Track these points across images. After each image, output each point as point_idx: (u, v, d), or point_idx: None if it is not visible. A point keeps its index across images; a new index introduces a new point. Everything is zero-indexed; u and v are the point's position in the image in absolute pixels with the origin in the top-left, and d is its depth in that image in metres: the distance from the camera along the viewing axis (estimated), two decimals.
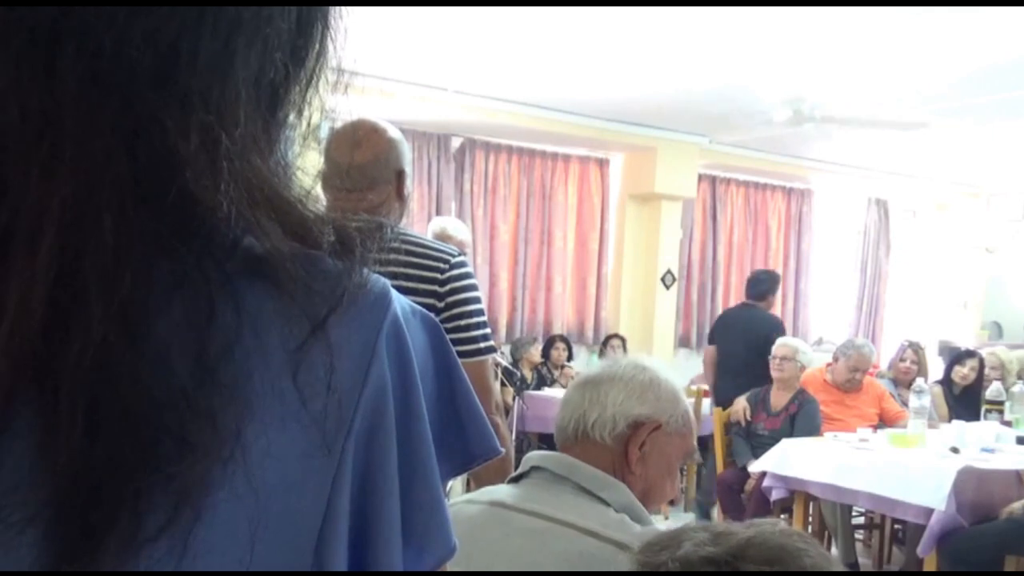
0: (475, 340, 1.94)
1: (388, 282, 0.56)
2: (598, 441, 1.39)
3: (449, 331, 1.88)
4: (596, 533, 1.25)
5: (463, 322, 1.92)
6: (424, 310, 0.60)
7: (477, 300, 1.97)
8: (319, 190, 0.54)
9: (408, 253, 1.90)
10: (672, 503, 6.32)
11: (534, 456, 1.42)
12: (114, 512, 0.44)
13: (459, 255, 1.96)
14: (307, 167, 0.55)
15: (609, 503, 1.33)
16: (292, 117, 0.54)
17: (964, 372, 5.58)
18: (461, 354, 1.89)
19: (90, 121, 0.45)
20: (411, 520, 0.55)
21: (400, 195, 2.01)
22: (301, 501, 0.50)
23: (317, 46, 0.53)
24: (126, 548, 0.45)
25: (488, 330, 2.02)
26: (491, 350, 2.00)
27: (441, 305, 1.91)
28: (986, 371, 5.61)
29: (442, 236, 3.78)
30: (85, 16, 0.45)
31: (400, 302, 0.56)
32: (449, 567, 0.59)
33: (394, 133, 2.02)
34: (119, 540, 0.44)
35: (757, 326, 5.63)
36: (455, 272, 1.93)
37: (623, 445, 1.39)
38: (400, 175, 1.99)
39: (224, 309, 0.48)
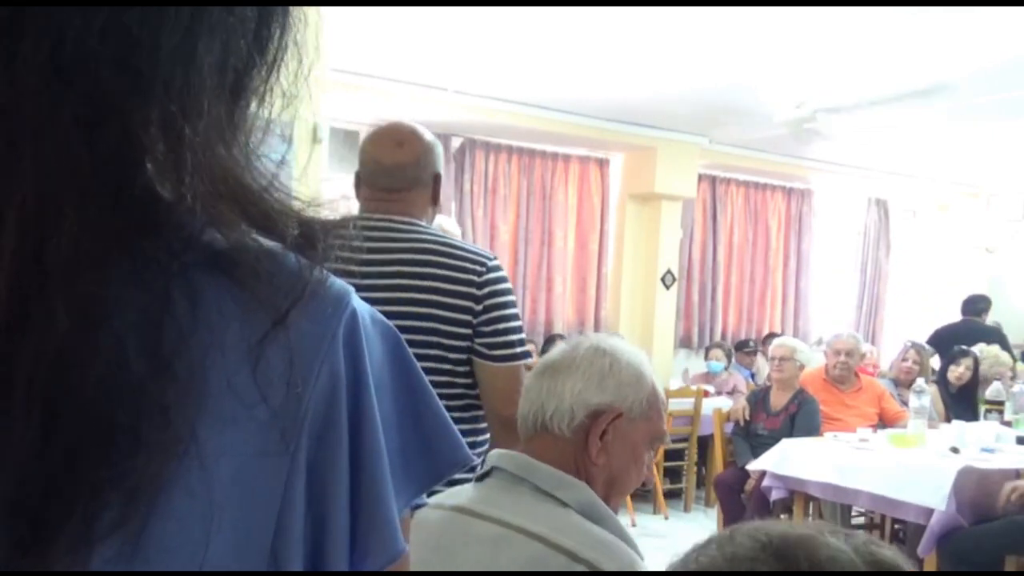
0: (512, 345, 1.91)
1: (351, 286, 0.56)
2: (557, 434, 1.34)
3: (486, 335, 1.86)
4: (545, 538, 1.22)
5: (500, 326, 1.89)
6: (385, 319, 0.59)
7: (513, 304, 1.95)
8: (284, 179, 0.53)
9: (444, 255, 1.88)
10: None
11: (493, 456, 1.38)
12: (67, 508, 0.44)
13: (494, 259, 1.94)
14: (270, 154, 0.54)
15: (568, 504, 1.28)
16: (255, 105, 0.52)
17: (959, 372, 5.60)
18: (498, 358, 1.88)
19: (51, 113, 0.44)
20: (356, 520, 0.54)
21: (435, 199, 2.01)
22: (256, 499, 0.49)
23: (279, 32, 0.52)
24: (79, 544, 0.44)
25: (524, 335, 1.99)
26: (527, 355, 1.96)
27: (479, 308, 1.87)
28: (984, 370, 5.63)
29: None
30: (45, 7, 0.44)
31: (360, 306, 0.56)
32: None
33: (431, 137, 2.03)
34: (71, 536, 0.44)
35: (984, 336, 6.48)
36: (492, 276, 1.90)
37: (583, 436, 1.34)
38: (436, 179, 2.00)
39: (180, 303, 0.47)
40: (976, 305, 7.28)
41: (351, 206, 1.99)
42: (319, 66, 0.55)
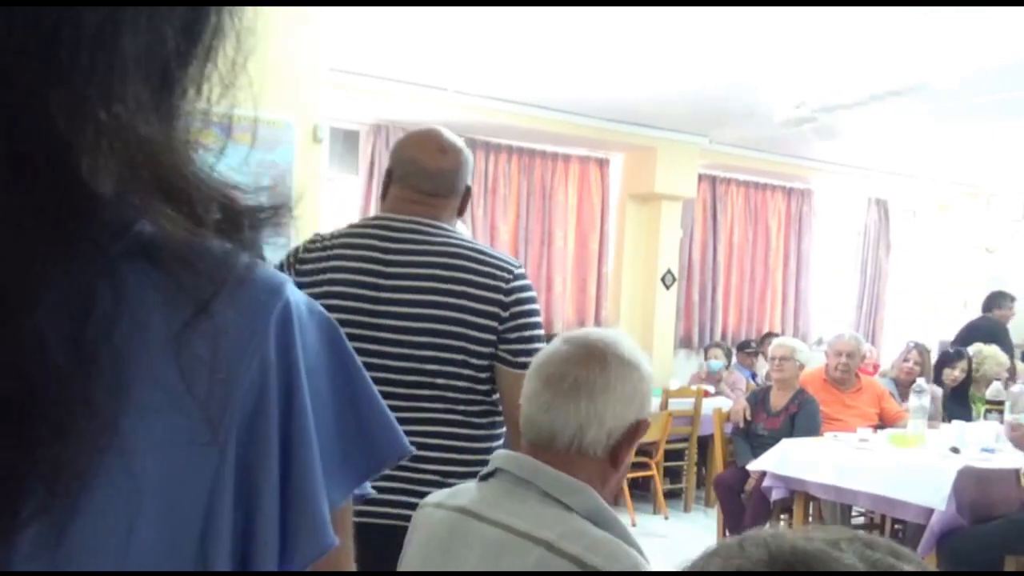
0: (535, 353, 1.94)
1: (288, 278, 0.55)
2: (591, 456, 1.34)
3: (511, 342, 1.88)
4: (550, 544, 1.22)
5: (526, 333, 1.91)
6: (323, 310, 0.59)
7: (538, 312, 1.98)
8: (222, 170, 0.52)
9: (473, 261, 1.90)
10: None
11: (499, 456, 1.38)
12: None
13: (520, 266, 1.97)
14: (206, 144, 0.53)
15: (573, 508, 1.28)
16: (192, 92, 0.51)
17: (954, 375, 5.69)
18: (522, 365, 1.86)
19: None
20: (285, 514, 0.53)
21: (462, 210, 2.04)
22: (183, 491, 0.49)
23: (213, 19, 0.51)
24: None
25: (546, 343, 2.02)
26: None
27: (505, 315, 1.89)
28: (985, 370, 5.68)
29: None
30: None
31: (295, 297, 0.55)
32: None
33: (466, 147, 2.06)
34: None
35: (988, 330, 7.10)
36: (519, 283, 1.93)
37: (614, 450, 1.35)
38: (468, 191, 2.03)
39: (104, 294, 0.47)
40: (990, 302, 7.58)
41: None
42: (256, 55, 0.53)
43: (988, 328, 7.13)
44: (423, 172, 1.95)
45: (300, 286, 2.15)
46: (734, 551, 0.66)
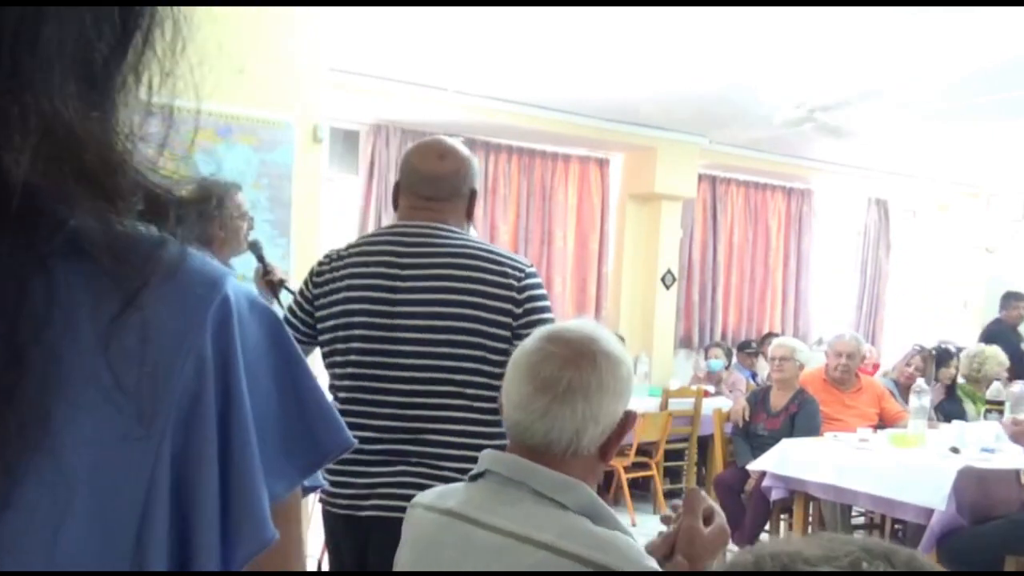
0: None
1: (229, 272, 0.55)
2: (585, 455, 1.34)
3: (524, 339, 1.92)
4: (550, 546, 1.22)
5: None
6: (264, 303, 0.58)
7: (549, 310, 2.03)
8: (164, 161, 0.51)
9: (487, 261, 1.97)
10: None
11: (487, 457, 1.38)
12: None
13: (531, 266, 2.04)
14: (146, 135, 0.52)
15: (567, 506, 1.28)
16: (131, 80, 0.50)
17: (951, 373, 5.76)
18: None
19: None
20: (225, 509, 0.53)
21: (470, 214, 2.12)
22: (117, 489, 0.49)
23: (149, 9, 0.50)
24: None
25: None
26: None
27: (519, 312, 1.96)
28: (987, 369, 5.73)
29: None
30: None
31: (235, 291, 0.55)
32: None
33: (469, 153, 2.15)
34: None
35: (996, 333, 7.32)
36: (530, 281, 2.00)
37: (604, 446, 1.36)
38: (473, 194, 2.11)
39: (36, 292, 0.46)
40: (1001, 303, 7.81)
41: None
42: (197, 45, 0.52)
43: (997, 332, 7.25)
44: (423, 178, 2.05)
45: (318, 297, 2.19)
46: (748, 563, 0.64)
